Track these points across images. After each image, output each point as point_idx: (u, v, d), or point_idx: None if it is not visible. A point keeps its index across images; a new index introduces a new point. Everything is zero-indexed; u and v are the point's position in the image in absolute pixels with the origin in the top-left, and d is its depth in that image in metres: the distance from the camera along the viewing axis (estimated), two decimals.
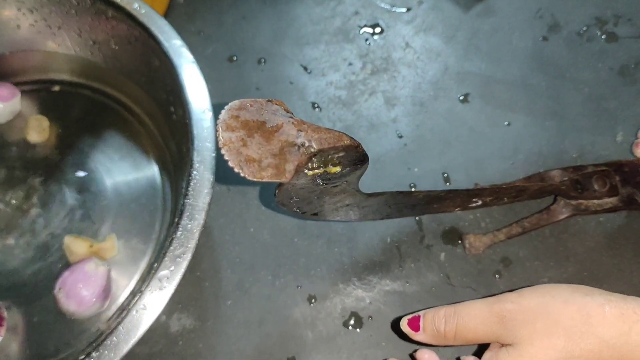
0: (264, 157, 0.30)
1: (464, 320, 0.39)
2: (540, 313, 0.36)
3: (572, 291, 0.37)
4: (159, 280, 0.45)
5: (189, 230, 0.47)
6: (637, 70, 0.69)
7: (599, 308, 0.34)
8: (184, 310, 0.56)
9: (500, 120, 0.65)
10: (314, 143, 0.32)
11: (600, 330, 0.33)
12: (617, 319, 0.33)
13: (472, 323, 0.38)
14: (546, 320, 0.35)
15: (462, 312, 0.39)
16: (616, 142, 0.64)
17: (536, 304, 0.37)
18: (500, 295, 0.40)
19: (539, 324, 0.35)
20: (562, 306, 0.36)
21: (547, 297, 0.37)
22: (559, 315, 0.35)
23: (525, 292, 0.39)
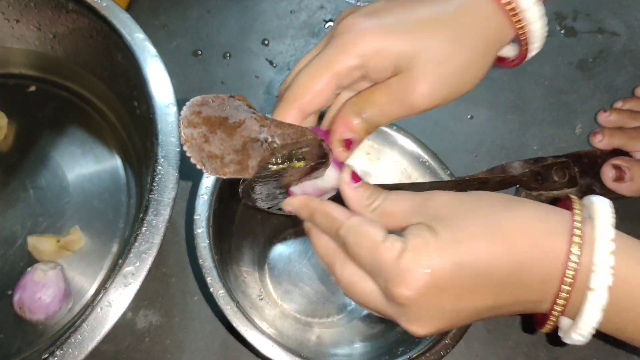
0: (226, 153, 0.30)
1: (394, 196, 0.36)
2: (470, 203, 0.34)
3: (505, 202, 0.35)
4: (123, 276, 0.44)
5: (154, 226, 0.46)
6: (595, 64, 0.71)
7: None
8: (150, 306, 0.55)
9: (464, 114, 0.67)
10: (277, 138, 0.32)
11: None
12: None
13: (400, 198, 0.35)
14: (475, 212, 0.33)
15: (394, 193, 0.36)
16: (575, 134, 0.66)
17: (467, 197, 0.35)
18: None
19: (463, 205, 0.34)
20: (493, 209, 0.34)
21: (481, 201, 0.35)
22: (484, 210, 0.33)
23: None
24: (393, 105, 0.35)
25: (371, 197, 0.36)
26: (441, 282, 0.32)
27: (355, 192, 0.36)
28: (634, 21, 0.74)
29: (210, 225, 0.47)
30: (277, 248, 0.57)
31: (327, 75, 0.35)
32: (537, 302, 0.33)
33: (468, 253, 0.32)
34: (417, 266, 0.31)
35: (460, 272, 0.32)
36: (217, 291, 0.44)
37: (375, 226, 0.34)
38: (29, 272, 0.52)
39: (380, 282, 0.33)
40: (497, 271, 0.32)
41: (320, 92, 0.35)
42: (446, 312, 0.33)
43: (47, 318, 0.51)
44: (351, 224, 0.34)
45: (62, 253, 0.55)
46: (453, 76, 0.35)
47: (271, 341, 0.43)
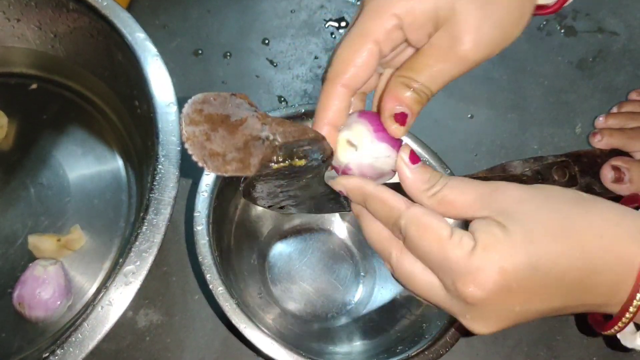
0: (228, 151, 0.30)
1: (455, 182, 0.33)
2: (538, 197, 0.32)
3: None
4: (124, 275, 0.44)
5: (154, 224, 0.46)
6: (594, 63, 0.71)
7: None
8: (151, 305, 0.55)
9: (464, 113, 0.67)
10: (278, 136, 0.32)
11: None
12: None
13: (462, 186, 0.33)
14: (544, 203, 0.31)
15: (455, 179, 0.34)
16: (575, 133, 0.66)
17: (538, 192, 0.32)
18: None
19: (534, 203, 0.31)
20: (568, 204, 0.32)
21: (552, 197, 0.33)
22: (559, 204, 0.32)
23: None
24: (442, 63, 0.33)
25: (430, 181, 0.33)
26: (513, 283, 0.30)
27: (412, 174, 0.34)
28: (634, 21, 0.74)
29: (211, 222, 0.47)
30: (278, 246, 0.57)
31: (367, 43, 0.33)
32: (603, 305, 0.32)
33: (542, 254, 0.30)
34: (489, 265, 0.30)
35: (532, 274, 0.30)
36: (217, 288, 0.44)
37: (440, 219, 0.32)
38: (29, 267, 0.52)
39: (446, 279, 0.31)
40: (570, 274, 0.30)
41: (363, 64, 0.33)
42: (514, 312, 0.31)
43: (47, 315, 0.51)
44: (413, 215, 0.32)
45: (63, 252, 0.55)
46: (498, 18, 0.32)
47: (270, 339, 0.43)
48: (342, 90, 0.34)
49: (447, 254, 0.31)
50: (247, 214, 0.56)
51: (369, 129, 0.35)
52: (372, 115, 0.36)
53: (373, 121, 0.35)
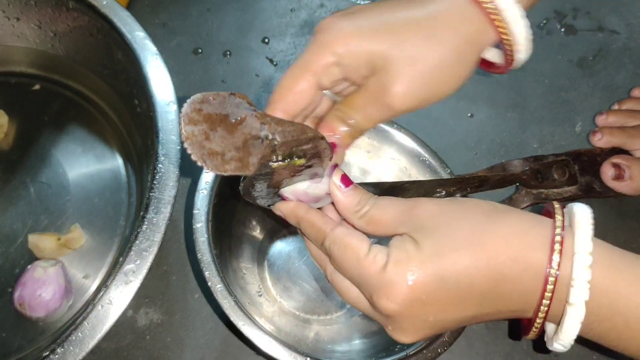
0: (227, 150, 0.30)
1: (381, 202, 0.35)
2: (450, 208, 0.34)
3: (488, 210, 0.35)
4: (124, 274, 0.44)
5: (154, 223, 0.46)
6: (595, 62, 0.71)
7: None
8: (151, 304, 0.55)
9: (464, 112, 0.67)
10: (277, 136, 0.32)
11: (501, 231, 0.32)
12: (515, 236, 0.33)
13: (386, 206, 0.35)
14: (454, 220, 0.34)
15: (382, 199, 0.36)
16: (575, 132, 0.66)
17: (452, 206, 0.35)
18: None
19: (446, 216, 0.34)
20: (472, 215, 0.34)
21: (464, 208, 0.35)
22: (465, 217, 0.34)
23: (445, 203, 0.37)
24: (372, 107, 0.35)
25: (360, 203, 0.36)
26: (423, 296, 0.32)
27: (345, 196, 0.36)
28: (634, 19, 0.74)
29: (210, 220, 0.47)
30: (277, 245, 0.57)
31: (306, 74, 0.35)
32: (521, 311, 0.33)
33: (449, 266, 0.32)
34: (400, 280, 0.32)
35: (442, 286, 0.32)
36: (215, 285, 0.44)
37: (360, 238, 0.34)
38: (29, 269, 0.52)
39: (366, 293, 0.34)
40: (479, 284, 0.32)
41: (301, 92, 0.36)
42: (429, 322, 0.34)
43: (47, 315, 0.51)
44: (335, 236, 0.35)
45: (63, 251, 0.55)
46: (429, 74, 0.34)
47: (269, 337, 0.43)
48: (280, 113, 0.36)
49: (363, 270, 0.33)
50: (246, 212, 0.56)
51: None
52: None
53: None
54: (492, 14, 0.33)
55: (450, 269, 0.32)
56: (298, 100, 0.36)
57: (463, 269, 0.32)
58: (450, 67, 0.34)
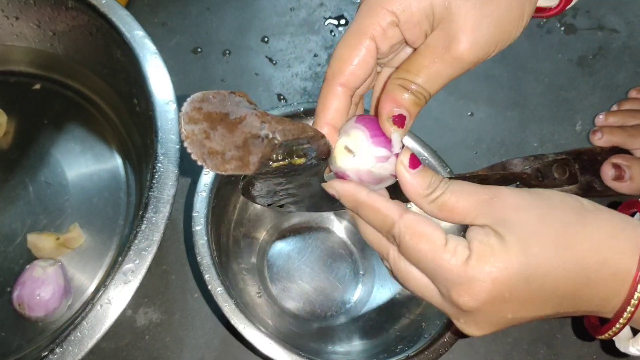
0: (227, 149, 0.30)
1: (455, 187, 0.33)
2: (535, 204, 0.32)
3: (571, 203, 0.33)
4: (123, 274, 0.44)
5: (153, 223, 0.46)
6: (594, 61, 0.71)
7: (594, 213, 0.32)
8: (150, 304, 0.55)
9: (464, 111, 0.67)
10: (277, 134, 0.32)
11: (593, 228, 0.31)
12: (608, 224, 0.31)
13: (462, 192, 0.32)
14: (541, 211, 0.32)
15: (456, 184, 0.33)
16: (575, 131, 0.66)
17: (538, 200, 0.32)
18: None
19: (533, 212, 0.31)
20: (560, 206, 0.32)
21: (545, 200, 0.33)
22: (554, 209, 0.32)
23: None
24: (438, 64, 0.32)
25: (431, 186, 0.33)
26: (507, 294, 0.31)
27: (413, 179, 0.33)
28: (634, 18, 0.74)
29: (209, 222, 0.47)
30: (277, 245, 0.57)
31: (364, 40, 0.33)
32: (598, 312, 0.33)
33: (536, 266, 0.30)
34: (483, 276, 0.30)
35: (526, 286, 0.31)
36: (216, 289, 0.44)
37: (435, 227, 0.32)
38: (28, 269, 0.52)
39: (441, 286, 0.32)
40: (564, 286, 0.31)
41: (361, 62, 0.33)
42: (506, 319, 0.32)
43: (47, 315, 0.51)
44: (406, 223, 0.32)
45: (62, 250, 0.55)
46: (495, 17, 0.32)
47: (269, 339, 0.43)
48: (340, 89, 0.34)
49: (441, 263, 0.31)
50: (245, 213, 0.55)
51: (366, 135, 0.34)
52: (369, 119, 0.35)
53: (371, 126, 0.35)
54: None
55: (537, 269, 0.30)
56: (359, 72, 0.33)
57: (550, 270, 0.30)
58: (517, 6, 0.32)
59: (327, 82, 0.34)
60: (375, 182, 0.35)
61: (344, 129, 0.36)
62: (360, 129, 0.35)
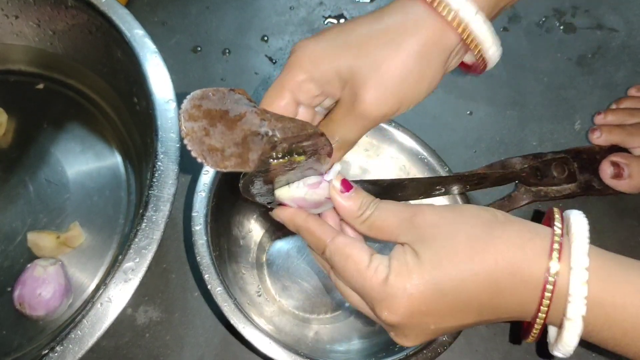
0: (227, 146, 0.30)
1: (383, 206, 0.36)
2: (450, 222, 0.35)
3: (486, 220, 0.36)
4: (123, 272, 0.44)
5: (153, 221, 0.46)
6: (594, 60, 0.71)
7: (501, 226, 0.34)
8: (150, 302, 0.55)
9: (463, 110, 0.67)
10: (277, 132, 0.32)
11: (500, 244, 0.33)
12: (516, 237, 0.34)
13: (388, 212, 0.36)
14: (452, 234, 0.34)
15: (384, 204, 0.37)
16: (574, 130, 0.66)
17: (452, 215, 0.35)
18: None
19: (446, 227, 0.34)
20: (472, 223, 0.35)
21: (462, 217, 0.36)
22: (465, 228, 0.34)
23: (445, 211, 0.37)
24: (349, 118, 0.36)
25: (361, 208, 0.37)
26: (423, 307, 0.33)
27: (346, 201, 0.37)
28: (633, 17, 0.74)
29: (209, 222, 0.47)
30: (276, 244, 0.57)
31: (283, 91, 0.36)
32: (521, 317, 0.35)
33: (448, 279, 0.33)
34: (399, 292, 0.33)
35: (441, 297, 0.33)
36: (215, 288, 0.44)
37: (360, 248, 0.35)
38: (29, 268, 0.52)
39: (368, 303, 0.36)
40: (478, 296, 0.33)
41: (283, 107, 0.36)
42: (430, 330, 0.35)
43: (48, 314, 0.51)
44: (335, 247, 0.36)
45: (62, 249, 0.55)
46: (396, 77, 0.34)
47: (269, 338, 0.43)
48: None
49: (364, 282, 0.34)
50: (245, 212, 0.55)
51: None
52: None
53: None
54: (445, 14, 0.33)
55: (449, 282, 0.33)
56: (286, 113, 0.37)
57: (461, 282, 0.33)
58: (416, 69, 0.35)
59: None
60: (313, 206, 0.38)
61: None
62: None
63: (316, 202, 0.38)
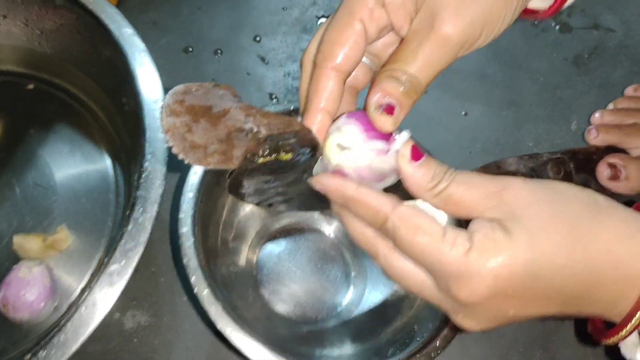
0: (210, 142, 0.29)
1: (461, 178, 0.31)
2: (547, 198, 0.30)
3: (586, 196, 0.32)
4: (109, 275, 0.43)
5: (140, 223, 0.45)
6: (590, 60, 0.70)
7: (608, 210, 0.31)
8: (138, 306, 0.54)
9: (458, 110, 0.66)
10: (262, 128, 0.31)
11: (607, 228, 0.30)
12: (623, 223, 0.30)
13: (469, 184, 0.31)
14: (552, 205, 0.30)
15: (462, 175, 0.31)
16: (571, 130, 0.65)
17: (549, 195, 0.31)
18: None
19: (544, 206, 0.30)
20: (573, 199, 0.31)
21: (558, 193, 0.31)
22: (566, 205, 0.30)
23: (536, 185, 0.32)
24: (425, 47, 0.31)
25: (435, 179, 0.31)
26: (509, 290, 0.29)
27: (416, 171, 0.31)
28: (630, 17, 0.73)
29: (197, 223, 0.46)
30: (267, 247, 0.56)
31: (353, 21, 0.32)
32: (602, 315, 0.31)
33: (544, 264, 0.29)
34: (485, 271, 0.28)
35: (533, 283, 0.29)
36: (202, 292, 0.43)
37: (431, 218, 0.30)
38: (14, 269, 0.51)
39: (439, 280, 0.30)
40: (572, 286, 0.29)
41: (352, 44, 0.32)
42: (508, 316, 0.31)
43: (32, 317, 0.50)
44: (400, 217, 0.30)
45: (49, 252, 0.54)
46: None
47: (257, 343, 0.42)
48: (333, 74, 0.33)
49: (440, 256, 0.29)
50: (234, 214, 0.54)
51: (360, 129, 0.33)
52: (361, 114, 0.34)
53: (364, 120, 0.33)
54: None
55: (545, 267, 0.29)
56: (350, 54, 0.32)
57: (558, 269, 0.29)
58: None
59: (318, 67, 0.33)
60: (377, 179, 0.33)
61: (334, 126, 0.34)
62: (352, 123, 0.33)
63: (381, 173, 0.33)
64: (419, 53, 0.31)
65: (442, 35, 0.31)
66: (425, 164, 0.31)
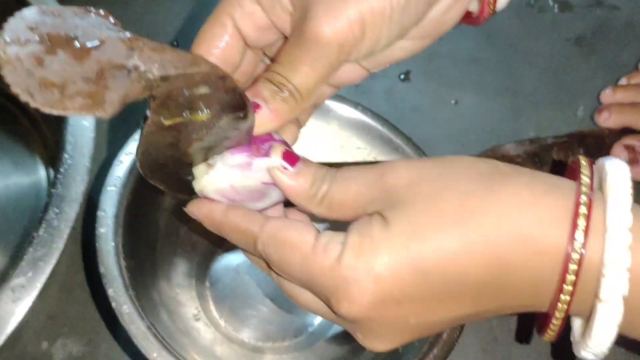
0: (70, 81, 0.21)
1: (341, 175, 0.28)
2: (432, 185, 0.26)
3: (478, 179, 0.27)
4: (11, 290, 0.37)
5: (55, 227, 0.39)
6: (594, 40, 0.64)
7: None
8: (70, 334, 0.47)
9: (447, 99, 0.60)
10: (153, 67, 0.23)
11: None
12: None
13: (348, 180, 0.27)
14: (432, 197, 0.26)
15: (342, 172, 0.28)
16: (577, 117, 0.59)
17: (437, 169, 0.27)
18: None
19: (426, 185, 0.26)
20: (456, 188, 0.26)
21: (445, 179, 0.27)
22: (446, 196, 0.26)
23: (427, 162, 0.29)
24: (296, 47, 0.28)
25: (315, 184, 0.28)
26: (397, 293, 0.25)
27: (292, 180, 0.28)
28: None
29: (121, 224, 0.37)
30: (223, 258, 0.48)
31: (222, 16, 0.29)
32: (534, 306, 0.26)
33: (432, 254, 0.25)
34: (361, 275, 0.25)
35: (422, 279, 0.25)
36: (121, 307, 0.34)
37: (300, 228, 0.27)
38: None
39: (321, 297, 0.27)
40: (474, 275, 0.25)
41: (225, 44, 0.29)
42: (411, 325, 0.27)
43: None
44: (268, 235, 0.27)
45: None
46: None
47: None
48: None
49: (311, 269, 0.26)
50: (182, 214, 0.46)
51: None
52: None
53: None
54: None
55: (432, 255, 0.25)
56: (224, 55, 0.29)
57: (450, 255, 0.25)
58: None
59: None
60: (251, 198, 0.29)
61: None
62: None
63: (255, 191, 0.29)
64: (292, 55, 0.28)
65: (313, 35, 0.27)
66: (303, 169, 0.28)
